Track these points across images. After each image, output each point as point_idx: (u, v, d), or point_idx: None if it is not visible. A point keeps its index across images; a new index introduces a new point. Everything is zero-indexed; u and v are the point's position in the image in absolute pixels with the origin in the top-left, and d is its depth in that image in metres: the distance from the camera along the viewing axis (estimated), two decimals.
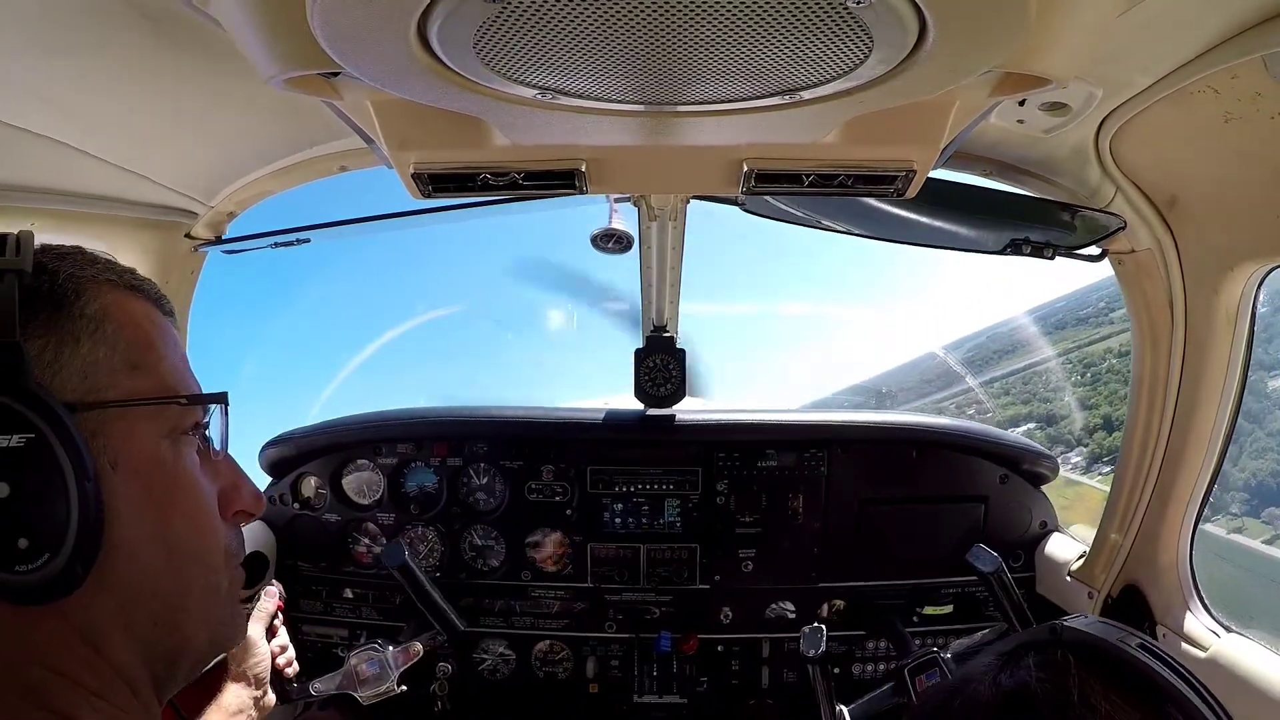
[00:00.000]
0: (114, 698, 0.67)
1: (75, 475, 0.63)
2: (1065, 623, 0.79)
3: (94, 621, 0.67)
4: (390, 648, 1.92)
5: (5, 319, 0.64)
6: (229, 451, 0.82)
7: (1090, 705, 0.67)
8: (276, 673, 1.59)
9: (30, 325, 0.66)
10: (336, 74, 0.74)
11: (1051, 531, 2.26)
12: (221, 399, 0.80)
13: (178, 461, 0.73)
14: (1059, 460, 2.35)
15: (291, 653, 1.70)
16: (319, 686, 1.87)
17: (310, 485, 2.32)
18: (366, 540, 2.30)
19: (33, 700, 0.63)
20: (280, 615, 1.68)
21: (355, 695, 1.87)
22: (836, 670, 2.24)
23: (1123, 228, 1.54)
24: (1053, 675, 0.70)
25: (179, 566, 0.72)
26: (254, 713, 1.44)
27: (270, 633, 1.63)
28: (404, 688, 1.90)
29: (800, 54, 0.65)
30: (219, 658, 1.41)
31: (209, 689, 1.40)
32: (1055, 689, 0.69)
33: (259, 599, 1.67)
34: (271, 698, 1.51)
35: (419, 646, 1.96)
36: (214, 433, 0.79)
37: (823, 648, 1.89)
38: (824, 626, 1.93)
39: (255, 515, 0.83)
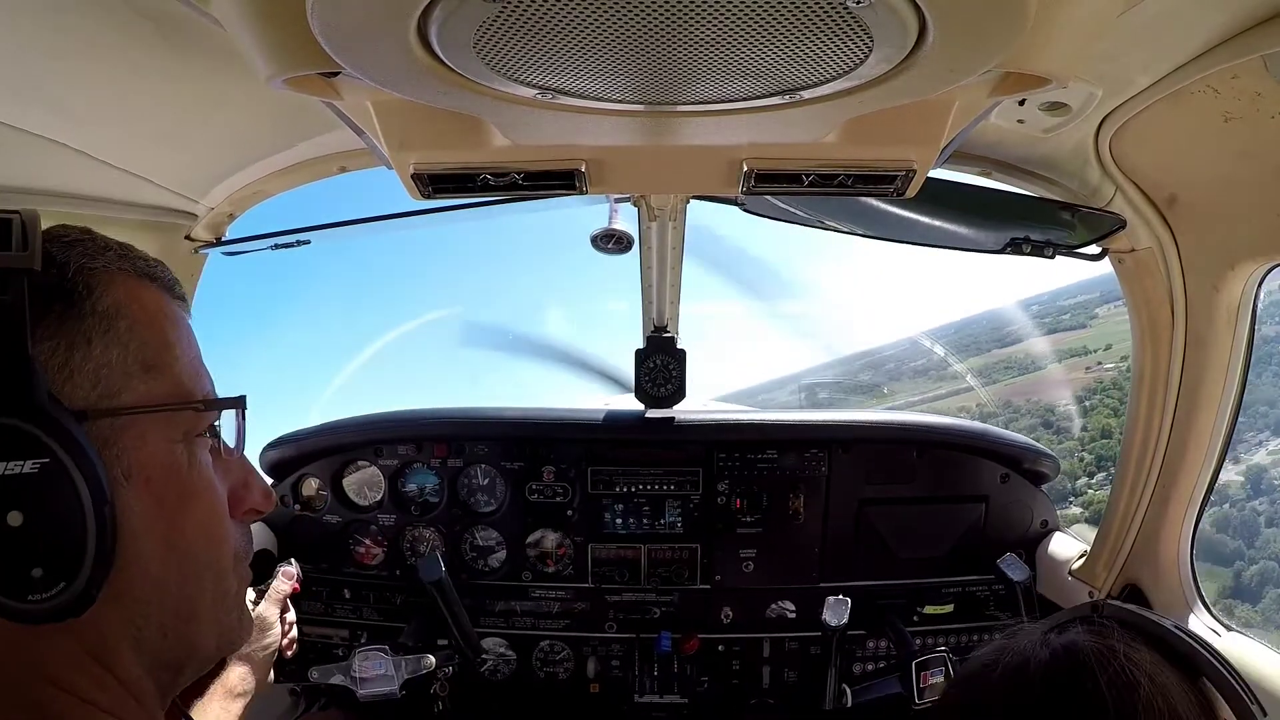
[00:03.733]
0: (121, 711, 0.65)
1: (93, 500, 0.60)
2: (1106, 600, 0.88)
3: (103, 637, 0.65)
4: (399, 654, 1.90)
5: (15, 328, 0.59)
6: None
7: (1134, 661, 0.74)
8: (278, 652, 1.60)
9: (39, 326, 0.61)
10: (336, 74, 0.74)
11: (1052, 531, 2.26)
12: (240, 403, 0.77)
13: (191, 466, 0.70)
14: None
15: (295, 632, 1.70)
16: (316, 675, 1.87)
17: (311, 486, 2.32)
18: (368, 541, 2.30)
19: (39, 718, 0.61)
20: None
21: (354, 691, 1.87)
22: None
23: (1123, 227, 1.54)
24: (1099, 637, 0.78)
25: (190, 576, 0.70)
26: (253, 692, 1.43)
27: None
28: (404, 693, 1.90)
29: (800, 54, 0.65)
30: None
31: (212, 670, 1.38)
32: (1102, 648, 0.76)
33: (274, 580, 1.69)
34: (272, 676, 1.51)
35: (431, 660, 1.93)
36: (226, 430, 0.77)
37: (845, 619, 1.99)
38: (849, 599, 2.01)
39: (265, 513, 0.81)
